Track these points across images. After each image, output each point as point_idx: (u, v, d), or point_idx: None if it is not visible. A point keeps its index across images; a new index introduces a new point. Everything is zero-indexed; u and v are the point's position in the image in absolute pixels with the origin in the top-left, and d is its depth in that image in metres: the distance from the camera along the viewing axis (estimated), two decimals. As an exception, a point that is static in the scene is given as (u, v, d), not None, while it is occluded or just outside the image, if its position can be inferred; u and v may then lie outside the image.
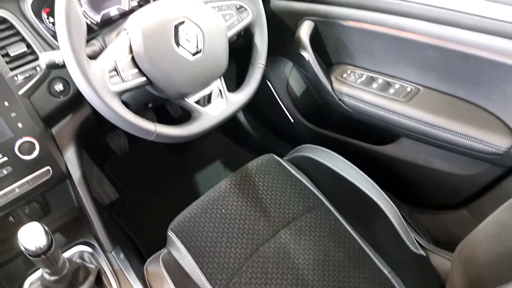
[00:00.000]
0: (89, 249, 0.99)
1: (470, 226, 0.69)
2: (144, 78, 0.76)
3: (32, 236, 0.69)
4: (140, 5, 1.07)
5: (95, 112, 0.97)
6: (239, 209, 0.99)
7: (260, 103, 1.37)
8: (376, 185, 0.97)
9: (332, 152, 1.06)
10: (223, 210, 0.99)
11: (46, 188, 0.92)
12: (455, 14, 0.86)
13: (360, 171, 1.00)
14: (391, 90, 1.02)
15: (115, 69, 0.72)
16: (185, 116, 0.86)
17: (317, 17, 1.09)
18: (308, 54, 1.10)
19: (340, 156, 1.04)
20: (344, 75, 1.10)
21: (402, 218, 0.94)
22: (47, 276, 0.77)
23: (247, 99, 0.90)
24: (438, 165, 1.03)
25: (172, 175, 1.63)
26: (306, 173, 1.09)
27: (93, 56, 0.72)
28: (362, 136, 1.18)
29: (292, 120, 1.37)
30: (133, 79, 0.74)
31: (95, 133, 1.29)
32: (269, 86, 1.36)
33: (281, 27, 1.17)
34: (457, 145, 0.92)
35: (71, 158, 0.93)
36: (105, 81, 0.70)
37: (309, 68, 1.12)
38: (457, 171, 1.00)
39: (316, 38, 1.12)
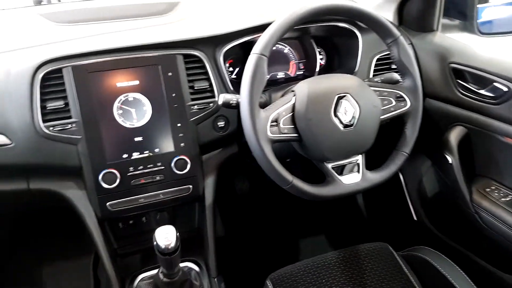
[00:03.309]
0: (196, 268, 1.07)
1: None
2: (296, 135, 0.85)
3: (166, 236, 0.79)
4: (304, 75, 1.21)
5: (239, 152, 1.10)
6: (340, 286, 0.98)
7: (384, 190, 1.36)
8: None
9: (452, 263, 0.99)
10: (323, 281, 0.99)
11: (181, 203, 1.05)
12: None
13: None
14: (540, 220, 0.93)
15: (276, 121, 0.83)
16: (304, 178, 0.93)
17: (472, 125, 1.08)
18: (453, 159, 1.08)
19: (461, 271, 0.97)
20: (487, 190, 1.04)
21: None
22: (161, 276, 0.86)
23: (382, 180, 0.92)
24: None
25: (277, 230, 1.68)
26: (419, 276, 1.03)
27: (260, 106, 0.84)
28: (492, 258, 1.08)
29: (415, 218, 1.32)
30: (288, 132, 0.84)
31: (231, 170, 1.43)
32: (400, 177, 1.35)
33: (430, 126, 1.18)
34: None
35: (209, 184, 1.05)
36: (266, 128, 0.81)
37: (450, 173, 1.10)
38: None
39: (464, 145, 1.10)
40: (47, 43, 0.95)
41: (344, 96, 0.86)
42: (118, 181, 0.94)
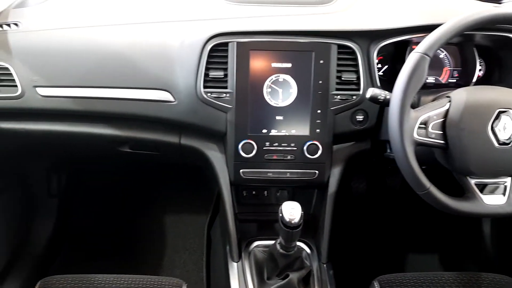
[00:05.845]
0: (308, 250, 1.11)
1: None
2: (443, 142, 0.82)
3: (291, 211, 0.84)
4: (457, 84, 1.15)
5: (371, 150, 1.09)
6: None
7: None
8: None
9: None
10: (433, 299, 0.95)
11: (303, 185, 1.09)
12: None
13: None
14: None
15: (425, 124, 0.81)
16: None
17: None
18: None
19: None
20: None
21: None
22: (278, 247, 0.92)
23: None
24: None
25: (386, 236, 1.65)
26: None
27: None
28: None
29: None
30: (435, 138, 0.82)
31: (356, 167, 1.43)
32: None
33: None
34: None
35: (335, 174, 1.07)
36: (413, 129, 0.80)
37: None
38: None
39: None
40: (218, 18, 1.06)
41: (506, 111, 0.81)
42: (254, 152, 1.02)
